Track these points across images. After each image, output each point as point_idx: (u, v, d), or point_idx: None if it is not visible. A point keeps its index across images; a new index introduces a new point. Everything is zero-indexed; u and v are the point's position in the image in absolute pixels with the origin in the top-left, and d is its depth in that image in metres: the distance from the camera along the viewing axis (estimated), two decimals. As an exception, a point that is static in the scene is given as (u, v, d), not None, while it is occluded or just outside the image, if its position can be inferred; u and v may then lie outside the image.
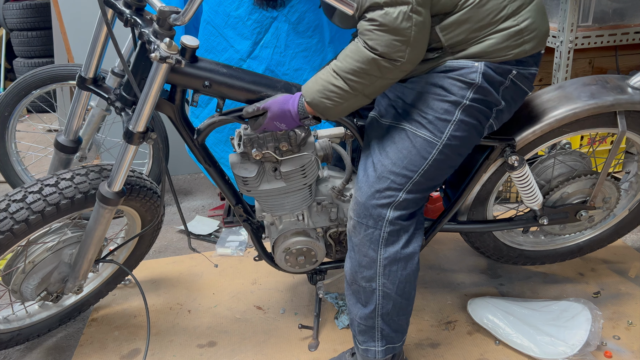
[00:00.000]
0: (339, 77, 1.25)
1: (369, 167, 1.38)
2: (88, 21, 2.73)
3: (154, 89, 1.25)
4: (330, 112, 1.30)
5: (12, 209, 1.41)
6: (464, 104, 1.31)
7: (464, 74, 1.30)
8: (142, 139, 1.33)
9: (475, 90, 1.31)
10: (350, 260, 1.43)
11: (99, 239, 1.53)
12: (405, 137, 1.34)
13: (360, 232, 1.38)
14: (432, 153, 1.33)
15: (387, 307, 1.41)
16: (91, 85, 1.51)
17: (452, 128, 1.32)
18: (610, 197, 1.75)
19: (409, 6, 1.16)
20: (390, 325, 1.44)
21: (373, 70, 1.22)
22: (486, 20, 1.26)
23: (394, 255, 1.37)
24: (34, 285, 1.57)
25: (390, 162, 1.34)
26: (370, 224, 1.36)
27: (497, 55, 1.30)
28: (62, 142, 1.65)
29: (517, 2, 1.28)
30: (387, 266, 1.38)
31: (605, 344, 1.64)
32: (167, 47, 1.19)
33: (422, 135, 1.33)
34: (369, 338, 1.45)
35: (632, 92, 1.54)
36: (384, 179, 1.34)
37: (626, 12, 2.44)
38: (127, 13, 1.31)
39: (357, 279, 1.41)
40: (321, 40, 2.15)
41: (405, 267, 1.39)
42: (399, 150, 1.34)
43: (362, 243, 1.38)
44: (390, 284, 1.39)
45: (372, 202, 1.35)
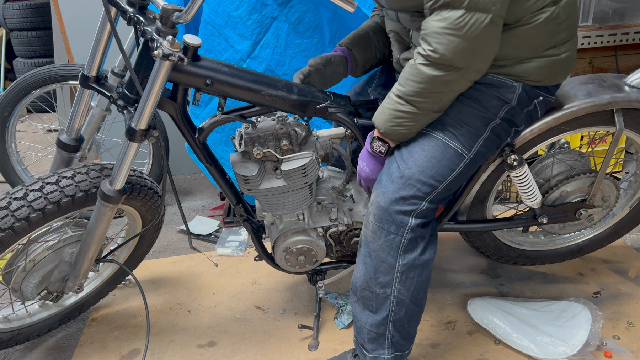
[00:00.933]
0: (406, 102, 1.25)
1: (394, 171, 1.34)
2: (88, 21, 2.73)
3: (156, 86, 1.25)
4: (406, 137, 1.33)
5: (13, 207, 1.41)
6: (495, 122, 1.33)
7: (502, 92, 1.31)
8: (144, 136, 1.34)
9: (507, 109, 1.32)
10: (364, 266, 1.40)
11: (100, 237, 1.53)
12: (436, 145, 1.31)
13: (381, 238, 1.35)
14: (459, 166, 1.33)
15: (399, 313, 1.39)
16: (94, 83, 1.52)
17: (481, 144, 1.34)
18: (610, 196, 1.75)
19: (490, 15, 1.13)
20: (400, 332, 1.42)
21: (438, 87, 1.21)
22: (537, 43, 1.26)
23: (412, 262, 1.35)
24: (35, 284, 1.57)
25: (418, 169, 1.31)
26: (392, 229, 1.33)
27: (533, 78, 1.31)
28: (64, 140, 1.65)
29: (565, 33, 1.28)
30: (404, 272, 1.36)
31: (605, 344, 1.64)
32: (170, 45, 1.20)
33: (453, 147, 1.32)
34: (379, 346, 1.43)
35: (629, 90, 1.55)
36: (410, 186, 1.31)
37: (626, 12, 2.45)
38: (130, 11, 1.32)
39: (371, 285, 1.39)
40: (321, 40, 2.15)
41: (422, 274, 1.38)
42: (428, 159, 1.31)
43: (381, 249, 1.36)
44: (405, 291, 1.37)
45: (395, 208, 1.32)
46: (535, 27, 1.23)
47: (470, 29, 1.13)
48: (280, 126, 1.43)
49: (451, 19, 1.12)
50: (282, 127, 1.43)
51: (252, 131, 1.44)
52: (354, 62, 1.63)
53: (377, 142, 1.37)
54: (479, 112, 1.31)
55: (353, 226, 1.63)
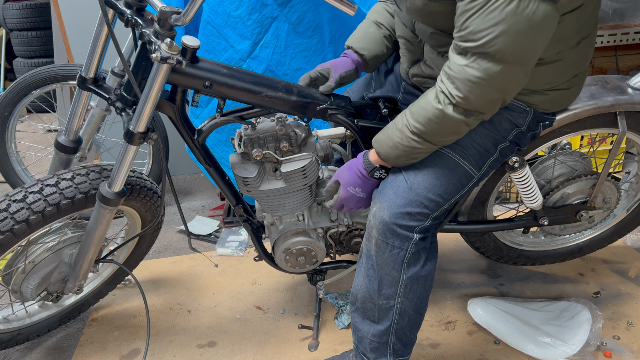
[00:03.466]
0: (425, 141, 1.23)
1: (400, 184, 1.30)
2: (88, 21, 2.72)
3: (154, 89, 1.25)
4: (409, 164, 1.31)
5: (13, 209, 1.41)
6: (504, 144, 1.34)
7: (514, 117, 1.31)
8: (142, 139, 1.33)
9: (516, 133, 1.33)
10: (367, 279, 1.38)
11: (99, 239, 1.53)
12: (447, 163, 1.29)
13: (385, 252, 1.33)
14: (467, 185, 1.33)
15: (402, 323, 1.39)
16: (92, 85, 1.51)
17: (489, 164, 1.35)
18: (611, 198, 1.75)
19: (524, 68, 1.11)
20: (402, 340, 1.42)
21: (461, 128, 1.20)
22: (554, 78, 1.27)
23: (415, 274, 1.34)
24: (34, 285, 1.57)
25: (427, 185, 1.29)
26: (397, 244, 1.31)
27: (544, 107, 1.33)
28: (63, 142, 1.65)
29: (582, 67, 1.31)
30: (408, 285, 1.35)
31: (605, 344, 1.64)
32: (168, 48, 1.19)
33: (464, 166, 1.30)
34: (381, 354, 1.43)
35: (632, 92, 1.55)
36: (417, 202, 1.28)
37: (626, 12, 2.44)
38: (127, 13, 1.31)
39: (374, 298, 1.37)
40: (321, 40, 2.15)
41: (424, 284, 1.37)
42: (438, 176, 1.29)
43: (385, 263, 1.34)
44: (408, 302, 1.37)
45: (400, 223, 1.28)
46: (554, 66, 1.24)
47: (507, 84, 1.12)
48: (280, 127, 1.42)
49: (489, 71, 1.08)
50: (281, 129, 1.42)
51: (251, 132, 1.44)
52: (365, 64, 1.57)
53: (380, 171, 1.35)
54: (492, 133, 1.31)
55: (353, 227, 1.63)
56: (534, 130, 1.38)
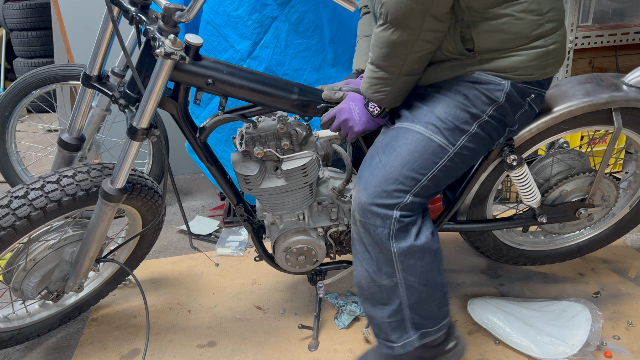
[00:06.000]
0: (377, 68, 1.30)
1: (376, 166, 1.35)
2: (88, 21, 2.73)
3: (158, 85, 1.26)
4: (385, 102, 1.35)
5: (14, 205, 1.41)
6: (482, 119, 1.33)
7: (490, 90, 1.31)
8: (145, 135, 1.34)
9: (495, 108, 1.32)
10: (365, 262, 1.39)
11: (100, 236, 1.53)
12: (419, 139, 1.32)
13: (370, 232, 1.35)
14: (443, 159, 1.34)
15: (412, 298, 1.37)
16: (96, 82, 1.52)
17: (466, 139, 1.34)
18: (609, 195, 1.76)
19: None
20: (419, 313, 1.39)
21: (397, 49, 1.24)
22: (521, 35, 1.25)
23: (407, 249, 1.34)
24: (35, 283, 1.57)
25: (400, 163, 1.32)
26: (379, 223, 1.32)
27: (522, 73, 1.30)
28: (66, 139, 1.66)
29: (551, 24, 1.28)
30: (404, 261, 1.34)
31: (605, 344, 1.64)
32: (172, 44, 1.20)
33: (436, 141, 1.32)
34: (403, 332, 1.40)
35: (627, 89, 1.55)
36: (392, 180, 1.32)
37: (626, 12, 2.45)
38: (132, 10, 1.32)
39: (377, 279, 1.37)
40: (321, 40, 2.15)
41: (423, 257, 1.35)
42: (411, 153, 1.32)
43: (374, 243, 1.35)
44: (411, 276, 1.35)
45: (378, 202, 1.31)
46: (513, 17, 1.23)
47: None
48: (281, 126, 1.43)
49: None
50: (282, 127, 1.43)
51: (252, 131, 1.44)
52: None
53: (371, 103, 1.38)
54: (466, 107, 1.32)
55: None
56: (521, 108, 1.36)
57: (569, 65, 2.43)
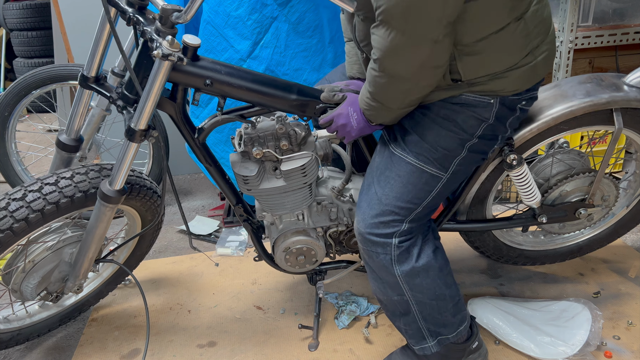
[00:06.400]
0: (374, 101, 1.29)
1: (372, 198, 1.37)
2: (88, 21, 2.72)
3: (155, 86, 1.25)
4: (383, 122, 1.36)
5: (12, 208, 1.41)
6: (472, 141, 1.33)
7: (478, 112, 1.30)
8: (143, 136, 1.34)
9: (485, 127, 1.32)
10: (375, 282, 1.45)
11: (99, 237, 1.53)
12: (411, 171, 1.34)
13: (373, 258, 1.39)
14: (436, 187, 1.36)
15: (425, 312, 1.42)
16: (93, 84, 1.52)
17: (457, 162, 1.35)
18: (609, 195, 1.75)
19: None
20: (434, 323, 1.44)
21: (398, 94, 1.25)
22: (509, 59, 1.24)
23: (410, 271, 1.38)
24: (34, 284, 1.57)
25: (395, 195, 1.34)
26: (380, 250, 1.37)
27: (511, 88, 1.29)
28: (64, 140, 1.66)
29: (539, 38, 1.26)
30: (409, 282, 1.39)
31: (605, 344, 1.64)
32: (170, 45, 1.20)
33: (428, 171, 1.34)
34: (420, 339, 1.46)
35: (627, 89, 1.55)
36: (388, 212, 1.35)
37: (626, 12, 2.45)
38: (129, 11, 1.32)
39: (389, 296, 1.43)
40: (321, 40, 2.15)
41: (427, 275, 1.39)
42: (404, 185, 1.34)
43: (378, 268, 1.40)
44: (419, 294, 1.40)
45: (376, 232, 1.35)
46: (501, 44, 1.20)
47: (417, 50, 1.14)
48: (280, 126, 1.43)
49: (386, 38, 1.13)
50: (281, 127, 1.43)
51: (251, 131, 1.44)
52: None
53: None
54: (456, 134, 1.31)
55: (353, 226, 1.63)
56: (512, 115, 1.35)
57: (569, 65, 2.43)
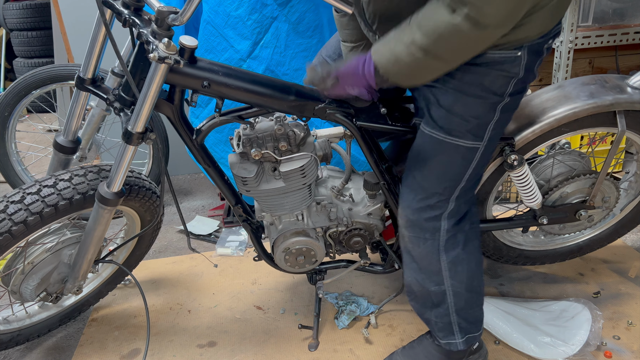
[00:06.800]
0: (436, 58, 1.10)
1: (414, 184, 1.35)
2: (88, 21, 2.71)
3: (152, 89, 1.24)
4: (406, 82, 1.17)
5: (10, 211, 1.41)
6: (504, 102, 1.24)
7: (506, 68, 1.19)
8: (141, 139, 1.33)
9: (515, 82, 1.22)
10: (413, 272, 1.44)
11: (98, 239, 1.53)
12: (446, 149, 1.28)
13: (420, 245, 1.38)
14: (475, 158, 1.30)
15: (459, 303, 1.42)
16: (90, 85, 1.51)
17: (492, 127, 1.27)
18: (610, 197, 1.75)
19: None
20: (466, 318, 1.45)
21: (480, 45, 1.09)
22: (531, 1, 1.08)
23: (455, 258, 1.37)
24: (33, 285, 1.57)
25: (434, 177, 1.31)
26: (428, 236, 1.36)
27: (537, 32, 1.16)
28: (61, 142, 1.65)
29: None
30: (451, 269, 1.38)
31: (605, 344, 1.64)
32: (166, 48, 1.18)
33: (463, 145, 1.27)
34: (449, 333, 1.46)
35: (631, 91, 1.54)
36: (431, 194, 1.32)
37: (626, 12, 2.45)
38: (125, 13, 1.31)
39: (426, 286, 1.42)
40: (321, 40, 2.15)
41: (469, 264, 1.39)
42: (442, 164, 1.30)
43: (424, 254, 1.39)
44: (458, 283, 1.40)
45: (424, 216, 1.34)
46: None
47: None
48: (279, 127, 1.42)
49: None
50: (280, 128, 1.42)
51: (250, 132, 1.43)
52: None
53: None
54: (485, 99, 1.22)
55: (352, 226, 1.63)
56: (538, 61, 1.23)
57: (569, 65, 2.43)
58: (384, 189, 1.56)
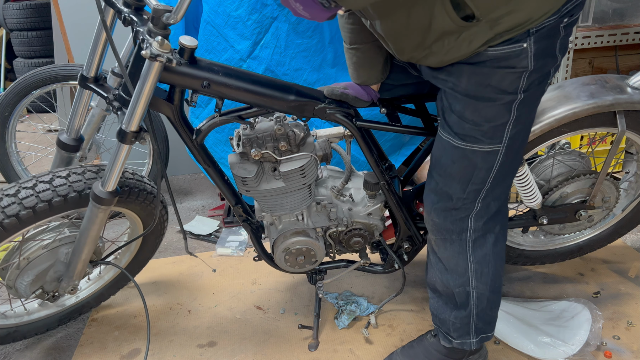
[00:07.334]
0: None
1: (437, 189, 1.33)
2: (88, 21, 2.73)
3: (146, 87, 1.24)
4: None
5: (4, 203, 1.41)
6: (519, 99, 1.15)
7: (513, 63, 1.10)
8: (135, 138, 1.33)
9: (528, 75, 1.12)
10: (439, 272, 1.43)
11: (92, 239, 1.52)
12: (464, 156, 1.24)
13: (447, 247, 1.37)
14: (496, 161, 1.24)
15: (481, 305, 1.42)
16: (92, 84, 1.52)
17: (510, 128, 1.20)
18: (610, 197, 1.75)
19: None
20: (484, 319, 1.45)
21: None
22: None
23: (482, 258, 1.36)
24: (28, 282, 1.56)
25: (457, 184, 1.28)
26: (455, 237, 1.35)
27: (542, 13, 1.05)
28: (64, 140, 1.66)
29: None
30: (478, 270, 1.38)
31: (605, 344, 1.64)
32: (159, 46, 1.18)
33: (480, 150, 1.22)
34: (464, 333, 1.46)
35: (631, 91, 1.54)
36: (456, 198, 1.30)
37: (626, 12, 2.44)
38: (125, 12, 1.31)
39: (450, 286, 1.41)
40: (321, 40, 2.15)
41: (495, 264, 1.38)
42: (461, 170, 1.26)
43: (451, 255, 1.38)
44: (482, 285, 1.39)
45: (450, 219, 1.33)
46: None
47: None
48: (279, 127, 1.42)
49: None
50: (280, 128, 1.42)
51: (250, 132, 1.43)
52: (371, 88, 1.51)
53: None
54: (496, 101, 1.15)
55: (352, 226, 1.63)
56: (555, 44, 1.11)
57: (569, 65, 2.43)
58: (384, 189, 1.56)
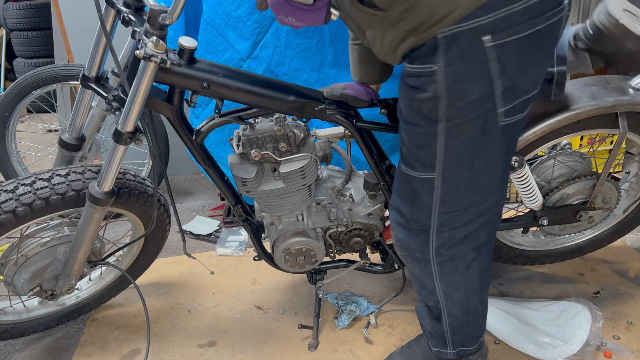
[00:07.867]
0: None
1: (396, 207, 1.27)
2: (88, 21, 2.73)
3: (141, 88, 1.24)
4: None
5: (1, 199, 1.41)
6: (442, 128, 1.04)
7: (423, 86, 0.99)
8: (130, 139, 1.33)
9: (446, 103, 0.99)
10: (414, 283, 1.40)
11: (89, 239, 1.52)
12: (406, 180, 1.20)
13: (413, 264, 1.32)
14: (435, 189, 1.14)
15: (455, 324, 1.38)
16: (93, 84, 1.52)
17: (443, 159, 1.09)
18: (611, 198, 1.75)
19: None
20: (460, 335, 1.40)
21: None
22: None
23: (451, 282, 1.29)
24: (25, 279, 1.56)
25: (407, 206, 1.23)
26: (419, 257, 1.28)
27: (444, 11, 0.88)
28: (66, 139, 1.66)
29: None
30: (447, 292, 1.31)
31: (605, 343, 1.64)
32: (154, 46, 1.18)
33: (416, 176, 1.16)
34: (442, 344, 1.43)
35: (633, 93, 1.54)
36: (411, 221, 1.24)
37: (626, 12, 2.44)
38: (124, 12, 1.32)
39: (426, 300, 1.39)
40: (321, 40, 2.15)
41: (466, 290, 1.31)
42: (407, 195, 1.21)
43: (418, 272, 1.34)
44: (453, 306, 1.34)
45: (412, 238, 1.27)
46: None
47: None
48: (279, 128, 1.42)
49: None
50: (280, 129, 1.42)
51: (250, 133, 1.43)
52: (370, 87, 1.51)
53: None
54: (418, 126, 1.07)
55: (352, 226, 1.63)
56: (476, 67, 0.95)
57: (569, 64, 2.42)
58: (384, 189, 1.56)
